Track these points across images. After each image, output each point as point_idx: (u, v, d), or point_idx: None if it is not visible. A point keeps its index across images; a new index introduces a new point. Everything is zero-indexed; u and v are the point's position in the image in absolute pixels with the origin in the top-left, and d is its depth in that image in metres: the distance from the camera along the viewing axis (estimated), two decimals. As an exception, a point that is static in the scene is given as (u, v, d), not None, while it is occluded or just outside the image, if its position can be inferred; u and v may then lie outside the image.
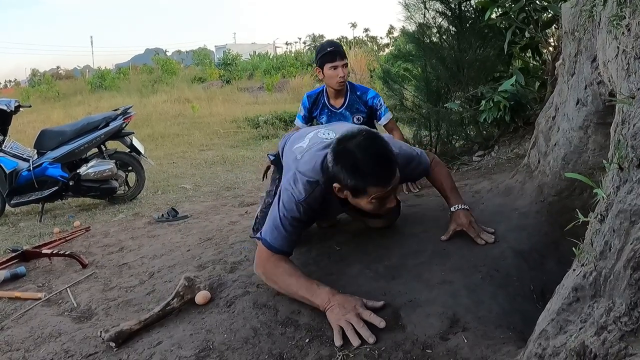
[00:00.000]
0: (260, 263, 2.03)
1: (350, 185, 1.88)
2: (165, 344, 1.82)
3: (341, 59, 3.35)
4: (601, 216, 1.10)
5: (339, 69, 3.33)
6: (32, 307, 2.48)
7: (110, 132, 5.36)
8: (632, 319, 0.89)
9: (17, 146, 5.41)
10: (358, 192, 1.89)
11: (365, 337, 1.62)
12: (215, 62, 30.47)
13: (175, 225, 3.85)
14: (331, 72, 3.35)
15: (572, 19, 2.13)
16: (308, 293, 1.84)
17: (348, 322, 1.68)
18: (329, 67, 3.34)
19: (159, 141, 10.47)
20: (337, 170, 1.88)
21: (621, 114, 1.18)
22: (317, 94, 3.58)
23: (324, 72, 3.38)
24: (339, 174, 1.88)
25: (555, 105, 2.44)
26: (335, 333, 1.67)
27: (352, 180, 1.86)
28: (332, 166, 1.90)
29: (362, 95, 3.50)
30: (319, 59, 3.40)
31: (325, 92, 3.54)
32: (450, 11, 4.10)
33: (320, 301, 1.79)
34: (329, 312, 1.75)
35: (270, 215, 2.05)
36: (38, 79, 31.48)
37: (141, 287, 2.50)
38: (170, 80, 23.69)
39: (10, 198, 5.12)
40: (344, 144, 1.90)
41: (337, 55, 3.35)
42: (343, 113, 3.49)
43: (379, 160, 1.86)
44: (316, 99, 3.56)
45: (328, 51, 3.36)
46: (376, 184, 1.85)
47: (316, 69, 3.48)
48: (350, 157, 1.86)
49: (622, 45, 1.27)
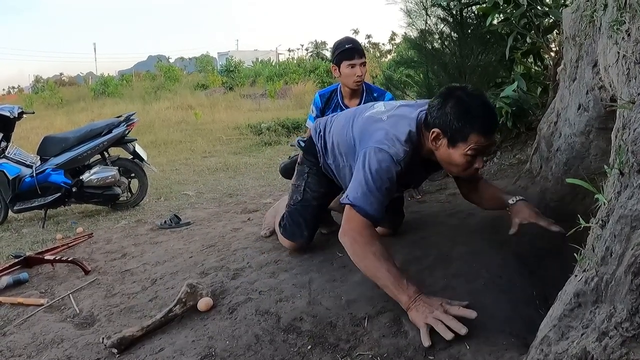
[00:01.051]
0: (353, 230, 1.88)
1: (454, 129, 1.84)
2: (168, 350, 1.82)
3: (360, 57, 3.18)
4: (602, 222, 1.10)
5: (356, 67, 3.16)
6: (34, 313, 2.48)
7: (113, 139, 5.36)
8: (633, 324, 0.89)
9: (20, 152, 5.42)
10: (458, 139, 1.85)
11: (457, 329, 1.57)
12: (218, 68, 30.53)
13: (177, 231, 3.85)
14: (348, 70, 3.16)
15: (573, 25, 2.13)
16: (395, 287, 1.75)
17: (436, 319, 1.62)
18: (347, 65, 3.16)
19: (161, 148, 10.49)
20: (442, 113, 1.86)
21: (622, 119, 1.19)
22: (331, 92, 3.40)
23: (341, 70, 3.20)
24: (443, 117, 1.86)
25: (557, 111, 2.44)
26: (423, 333, 1.61)
27: (458, 123, 1.83)
28: (437, 110, 1.88)
29: (378, 98, 3.32)
30: (337, 56, 3.21)
31: (339, 91, 3.35)
32: (451, 17, 4.11)
33: (406, 299, 1.71)
34: (413, 310, 1.69)
35: (357, 181, 1.92)
36: (41, 86, 31.61)
37: (143, 294, 2.50)
38: (173, 87, 23.76)
39: (13, 204, 5.12)
40: (454, 90, 1.90)
41: (355, 53, 3.17)
42: None
43: (489, 109, 1.87)
44: (329, 97, 3.38)
45: (346, 48, 3.18)
46: (480, 131, 1.82)
47: (332, 66, 3.29)
48: (461, 100, 1.85)
49: (622, 50, 1.27)
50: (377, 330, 1.72)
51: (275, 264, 2.43)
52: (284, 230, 2.57)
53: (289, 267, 2.34)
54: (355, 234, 1.87)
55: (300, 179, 2.57)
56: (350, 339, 1.71)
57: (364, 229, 1.87)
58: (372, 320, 1.78)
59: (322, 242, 2.59)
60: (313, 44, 72.67)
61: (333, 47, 3.32)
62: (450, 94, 1.89)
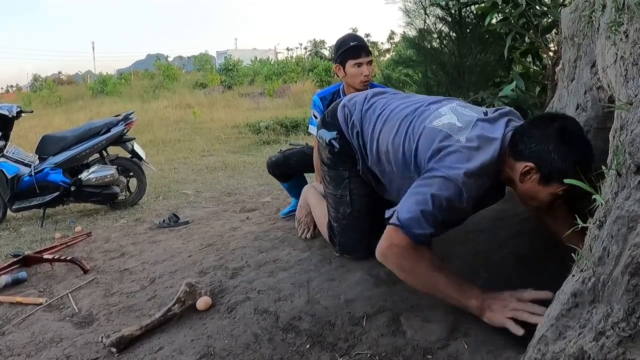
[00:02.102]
0: (396, 253, 1.72)
1: (554, 169, 1.61)
2: (166, 349, 1.82)
3: (366, 55, 2.95)
4: (600, 222, 1.10)
5: (363, 66, 2.94)
6: (33, 312, 2.48)
7: (112, 138, 5.36)
8: (629, 324, 0.89)
9: (19, 151, 5.42)
10: (554, 178, 1.62)
11: (540, 312, 1.47)
12: (217, 67, 30.53)
13: (176, 230, 3.85)
14: (354, 70, 2.94)
15: (572, 25, 2.14)
16: (458, 293, 1.66)
17: (515, 309, 1.56)
18: (353, 64, 2.93)
19: (160, 147, 10.48)
20: (543, 149, 1.62)
21: (619, 120, 1.19)
22: (333, 94, 3.16)
23: (346, 70, 2.97)
24: (545, 154, 1.62)
25: (555, 111, 2.45)
26: (512, 327, 1.53)
27: (563, 164, 1.59)
28: (537, 143, 1.64)
29: None
30: (341, 54, 2.97)
31: (342, 91, 3.12)
32: (450, 17, 4.11)
33: (476, 303, 1.63)
34: (487, 312, 1.61)
35: (415, 202, 1.70)
36: (40, 84, 31.62)
37: (142, 293, 2.50)
38: (171, 86, 23.74)
39: (12, 203, 5.12)
40: (558, 122, 1.67)
41: (362, 51, 2.95)
42: None
43: (591, 150, 1.65)
44: (332, 100, 3.11)
45: (351, 46, 2.95)
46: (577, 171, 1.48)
47: (336, 66, 3.03)
48: (567, 140, 1.62)
49: (620, 52, 1.28)
50: (375, 330, 1.72)
51: (274, 263, 2.44)
52: (342, 247, 2.34)
53: (288, 267, 2.35)
54: (402, 254, 1.72)
55: (340, 187, 2.27)
56: (348, 338, 1.71)
57: (410, 250, 1.71)
58: (371, 320, 1.78)
59: (320, 242, 2.59)
60: (312, 42, 72.66)
61: (336, 45, 3.09)
62: (554, 126, 1.65)
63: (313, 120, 3.16)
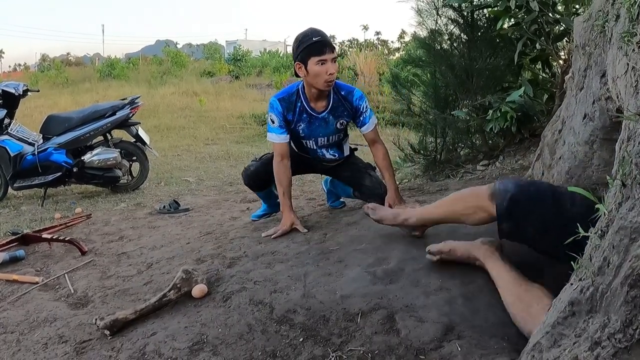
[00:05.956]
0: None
1: None
2: (160, 335, 1.83)
3: (331, 52, 2.69)
4: (601, 232, 1.10)
5: (328, 64, 2.67)
6: (29, 290, 2.49)
7: (117, 121, 5.37)
8: (626, 335, 0.89)
9: (23, 130, 5.43)
10: None
11: None
12: (225, 57, 30.43)
13: (176, 217, 3.86)
14: (318, 68, 2.67)
15: (584, 33, 2.12)
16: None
17: None
18: (316, 61, 2.66)
19: (164, 133, 10.49)
20: None
21: (627, 130, 1.18)
22: (291, 95, 2.87)
23: (308, 68, 2.69)
24: None
25: (562, 119, 2.44)
26: None
27: None
28: None
29: (347, 96, 2.88)
30: (302, 51, 2.69)
31: (302, 92, 2.86)
32: (462, 19, 4.09)
33: None
34: None
35: None
36: (47, 65, 31.57)
37: (139, 277, 2.50)
38: (179, 73, 23.70)
39: (14, 181, 5.13)
40: None
41: (326, 47, 2.68)
42: (326, 118, 2.88)
43: None
44: (291, 102, 2.86)
45: (314, 41, 2.67)
46: None
47: (296, 64, 2.74)
48: None
49: (632, 62, 1.27)
50: (369, 327, 1.72)
51: (271, 255, 2.44)
52: None
53: (286, 259, 2.35)
54: None
55: None
56: (342, 334, 1.71)
57: None
58: (365, 317, 1.78)
59: (319, 236, 2.59)
60: (322, 37, 72.40)
61: (296, 41, 2.78)
62: None
63: (271, 125, 2.88)
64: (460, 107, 4.09)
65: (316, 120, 2.88)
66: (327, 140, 2.97)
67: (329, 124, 2.90)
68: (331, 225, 2.76)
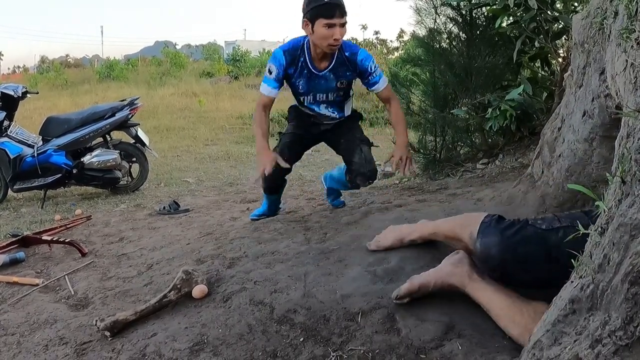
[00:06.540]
0: None
1: None
2: (160, 336, 1.82)
3: (341, 16, 2.59)
4: (601, 229, 1.10)
5: (335, 28, 2.58)
6: (29, 292, 2.48)
7: (116, 123, 5.37)
8: (627, 333, 0.89)
9: (23, 132, 5.43)
10: None
11: None
12: (225, 57, 30.43)
13: (176, 218, 3.85)
14: (324, 31, 2.59)
15: (583, 31, 2.12)
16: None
17: None
18: (324, 23, 2.57)
19: (164, 134, 10.49)
20: None
21: (626, 127, 1.18)
22: (296, 49, 2.80)
23: (314, 29, 2.61)
24: None
25: (562, 117, 2.44)
26: None
27: None
28: None
29: (351, 57, 2.78)
30: (311, 9, 2.60)
31: (307, 49, 2.78)
32: (461, 17, 4.09)
33: None
34: None
35: None
36: (47, 66, 31.58)
37: (139, 278, 2.50)
38: (178, 74, 23.70)
39: (13, 183, 5.13)
40: None
41: (336, 10, 2.57)
42: (326, 76, 2.82)
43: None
44: (295, 55, 2.80)
45: (326, 2, 2.56)
46: None
47: (304, 21, 2.66)
48: None
49: (630, 59, 1.26)
50: (370, 326, 1.72)
51: (271, 255, 2.43)
52: None
53: (286, 259, 2.34)
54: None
55: None
56: (342, 334, 1.71)
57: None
58: (366, 316, 1.78)
59: (319, 236, 2.59)
60: (321, 37, 72.33)
61: None
62: None
63: (267, 76, 2.84)
64: (459, 106, 4.09)
65: (316, 77, 2.84)
66: (325, 97, 2.93)
67: (328, 81, 2.85)
68: (331, 225, 2.76)
